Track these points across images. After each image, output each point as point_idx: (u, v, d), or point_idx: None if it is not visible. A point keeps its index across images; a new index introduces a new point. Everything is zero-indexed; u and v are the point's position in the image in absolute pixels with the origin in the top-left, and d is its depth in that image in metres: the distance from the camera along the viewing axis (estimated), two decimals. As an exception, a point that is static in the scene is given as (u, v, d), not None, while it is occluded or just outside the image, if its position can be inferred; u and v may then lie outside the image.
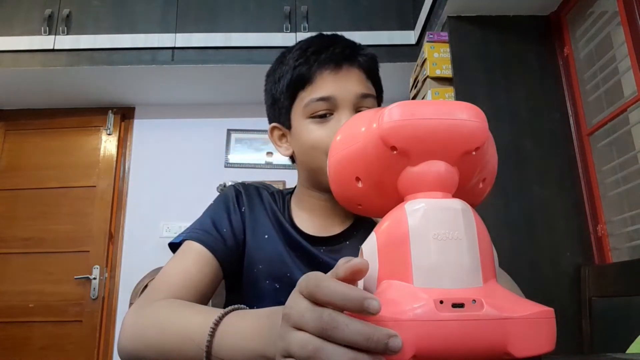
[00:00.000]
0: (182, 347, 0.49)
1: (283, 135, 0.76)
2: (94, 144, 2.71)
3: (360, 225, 0.75)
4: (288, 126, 0.73)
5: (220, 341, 0.46)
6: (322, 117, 0.68)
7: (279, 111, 0.74)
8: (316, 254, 0.71)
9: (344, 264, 0.33)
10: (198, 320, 0.50)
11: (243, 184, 0.78)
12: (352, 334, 0.30)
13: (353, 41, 0.74)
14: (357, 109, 0.69)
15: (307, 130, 0.69)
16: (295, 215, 0.75)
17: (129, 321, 0.58)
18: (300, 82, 0.70)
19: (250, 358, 0.43)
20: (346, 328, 0.31)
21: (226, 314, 0.48)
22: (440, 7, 1.87)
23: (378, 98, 0.75)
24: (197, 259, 0.67)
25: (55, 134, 2.71)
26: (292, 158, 0.77)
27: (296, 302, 0.34)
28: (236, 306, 0.49)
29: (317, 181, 0.72)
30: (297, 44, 0.75)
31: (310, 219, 0.75)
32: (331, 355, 0.31)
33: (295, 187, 0.80)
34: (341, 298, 0.31)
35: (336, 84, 0.68)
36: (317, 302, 0.32)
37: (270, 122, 0.78)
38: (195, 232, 0.69)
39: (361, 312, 0.30)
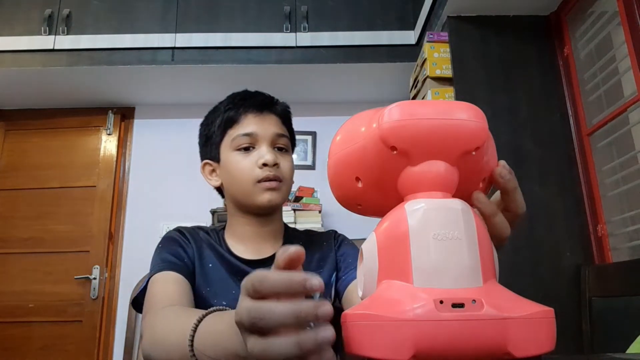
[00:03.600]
0: (180, 349, 0.52)
1: (213, 170, 0.88)
2: (94, 144, 2.71)
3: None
4: (217, 160, 0.86)
5: (201, 342, 0.48)
6: (246, 149, 0.82)
7: (210, 147, 0.87)
8: None
9: (281, 254, 0.34)
10: (189, 322, 0.52)
11: (179, 228, 0.87)
12: (280, 318, 0.31)
13: (271, 95, 0.90)
14: (274, 145, 0.84)
15: (234, 160, 0.82)
16: (231, 245, 0.85)
17: (149, 321, 0.64)
18: (229, 122, 0.84)
19: (228, 356, 0.44)
20: (273, 315, 0.31)
21: (205, 315, 0.50)
22: (440, 7, 1.87)
23: (292, 140, 0.90)
24: (173, 280, 0.75)
25: (55, 134, 2.71)
26: (221, 193, 0.89)
27: (239, 305, 0.34)
28: (216, 307, 0.52)
29: (243, 205, 0.83)
30: (227, 97, 0.89)
31: (244, 245, 0.85)
32: (278, 349, 0.31)
33: (225, 223, 0.91)
34: (284, 285, 0.32)
35: (258, 124, 0.83)
36: (263, 297, 0.33)
37: (202, 160, 0.90)
38: (159, 266, 0.77)
39: (305, 292, 0.31)
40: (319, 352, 0.31)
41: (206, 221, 2.28)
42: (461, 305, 0.31)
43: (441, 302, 0.31)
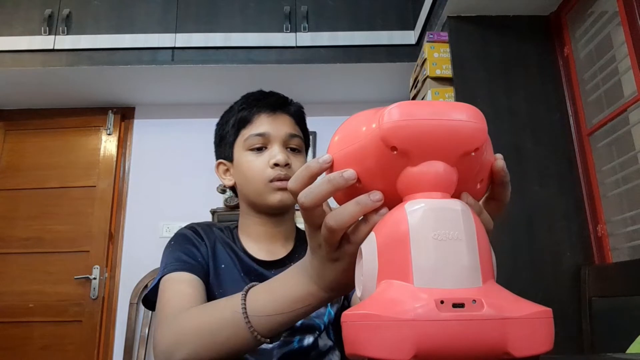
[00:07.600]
0: (226, 325, 0.52)
1: (227, 170, 0.89)
2: (94, 144, 2.71)
3: (300, 247, 0.86)
4: (231, 159, 0.87)
5: (255, 305, 0.50)
6: (259, 149, 0.83)
7: (224, 147, 0.89)
8: (269, 276, 0.78)
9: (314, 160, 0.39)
10: (228, 301, 0.54)
11: (192, 225, 0.86)
12: (322, 186, 0.37)
13: (285, 96, 0.91)
14: (286, 146, 0.84)
15: (246, 159, 0.84)
16: (245, 244, 0.85)
17: (164, 331, 0.61)
18: (243, 122, 0.85)
19: (292, 300, 0.47)
20: (315, 189, 0.38)
21: (252, 286, 0.53)
22: (440, 7, 1.87)
23: (305, 140, 0.90)
24: (187, 281, 0.73)
25: (55, 134, 2.71)
26: (235, 192, 0.90)
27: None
28: (253, 283, 0.54)
29: (255, 205, 0.84)
30: (241, 97, 0.90)
31: (257, 245, 0.85)
32: (343, 211, 0.37)
33: (237, 222, 0.91)
34: (307, 172, 0.39)
35: (271, 124, 0.84)
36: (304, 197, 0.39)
37: (216, 159, 0.92)
38: (173, 266, 0.75)
39: (321, 169, 0.38)
40: (375, 211, 0.37)
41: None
42: (461, 305, 0.31)
43: (442, 302, 0.31)
